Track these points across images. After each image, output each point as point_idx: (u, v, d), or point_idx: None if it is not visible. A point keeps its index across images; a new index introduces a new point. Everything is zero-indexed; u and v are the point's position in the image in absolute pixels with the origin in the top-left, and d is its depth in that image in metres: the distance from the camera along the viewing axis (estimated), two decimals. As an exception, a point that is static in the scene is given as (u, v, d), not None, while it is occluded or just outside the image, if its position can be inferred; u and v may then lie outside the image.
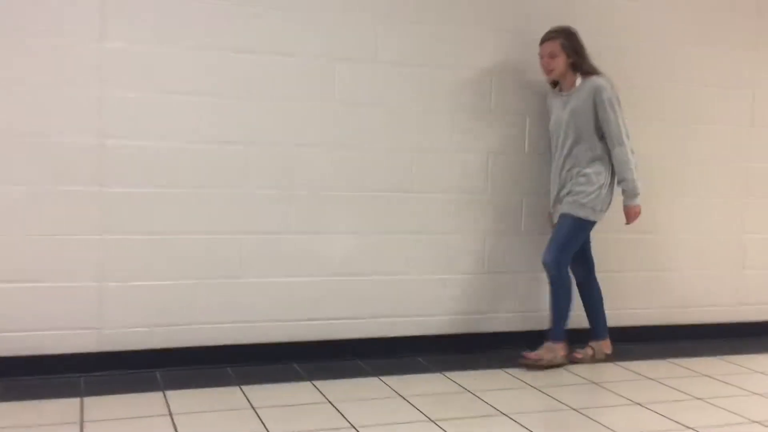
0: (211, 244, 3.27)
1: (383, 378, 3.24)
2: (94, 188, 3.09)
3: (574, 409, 2.95)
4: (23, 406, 2.76)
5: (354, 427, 2.67)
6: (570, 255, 3.49)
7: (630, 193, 3.44)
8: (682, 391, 3.22)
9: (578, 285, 3.66)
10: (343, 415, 2.79)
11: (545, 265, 3.46)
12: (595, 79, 3.43)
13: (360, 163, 3.46)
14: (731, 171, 4.15)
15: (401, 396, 3.03)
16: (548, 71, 3.49)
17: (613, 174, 3.48)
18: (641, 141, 3.89)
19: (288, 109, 3.34)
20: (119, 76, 3.10)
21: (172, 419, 2.69)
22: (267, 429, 2.62)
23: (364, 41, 3.42)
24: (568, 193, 3.49)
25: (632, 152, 3.44)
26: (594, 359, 3.62)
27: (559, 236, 3.47)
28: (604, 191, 3.44)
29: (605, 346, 3.67)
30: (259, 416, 2.74)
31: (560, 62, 3.44)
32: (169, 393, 2.95)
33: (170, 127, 3.18)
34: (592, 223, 3.48)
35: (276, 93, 3.31)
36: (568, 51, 3.43)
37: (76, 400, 2.83)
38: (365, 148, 3.46)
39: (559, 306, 3.48)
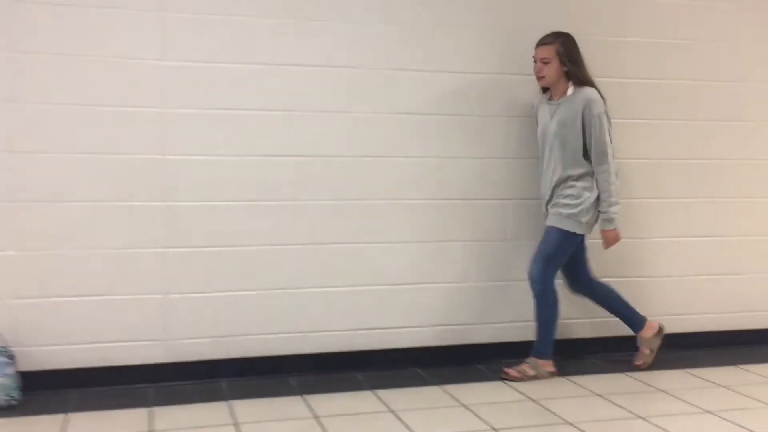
0: (272, 255, 3.31)
1: (444, 387, 3.23)
2: (157, 203, 3.17)
3: (642, 418, 2.88)
4: (98, 416, 2.85)
5: (418, 437, 2.67)
6: (556, 268, 3.35)
7: (605, 217, 3.29)
8: (754, 398, 3.11)
9: (588, 297, 3.50)
10: (406, 424, 2.79)
11: (530, 278, 3.34)
12: (587, 92, 3.25)
13: (414, 173, 3.46)
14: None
15: (463, 405, 3.01)
16: (539, 77, 3.33)
17: None
18: (690, 140, 3.78)
19: (344, 121, 3.37)
20: (179, 93, 3.17)
21: (239, 429, 2.73)
22: (332, 438, 2.65)
23: (414, 51, 3.42)
24: (554, 206, 3.35)
25: (617, 175, 3.28)
26: (653, 355, 3.49)
27: (545, 249, 3.32)
28: (589, 204, 3.27)
29: (648, 330, 3.50)
30: (323, 426, 2.77)
31: (552, 69, 3.27)
32: (234, 402, 3.00)
33: (229, 142, 3.24)
34: (578, 237, 3.33)
35: (331, 105, 3.34)
36: (562, 58, 3.25)
37: (145, 410, 2.91)
38: (420, 157, 3.47)
39: (544, 321, 3.35)
